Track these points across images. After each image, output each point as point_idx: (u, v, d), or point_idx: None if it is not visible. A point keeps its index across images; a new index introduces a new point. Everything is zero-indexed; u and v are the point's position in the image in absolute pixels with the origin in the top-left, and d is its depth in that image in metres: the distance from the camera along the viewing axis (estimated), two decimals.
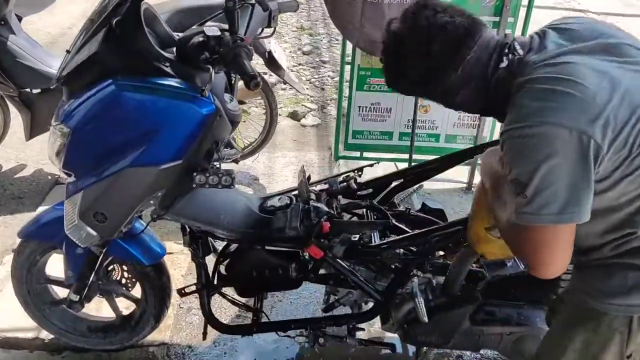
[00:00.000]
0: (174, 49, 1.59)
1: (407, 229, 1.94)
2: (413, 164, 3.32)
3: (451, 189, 3.43)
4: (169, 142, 1.51)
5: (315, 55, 5.71)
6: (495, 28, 3.03)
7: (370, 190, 2.05)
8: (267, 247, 1.85)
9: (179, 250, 2.71)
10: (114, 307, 2.12)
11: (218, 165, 1.62)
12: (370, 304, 1.95)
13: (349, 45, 3.13)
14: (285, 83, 3.36)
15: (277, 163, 3.71)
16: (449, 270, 1.79)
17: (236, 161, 3.29)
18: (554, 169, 1.07)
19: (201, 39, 1.45)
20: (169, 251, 2.30)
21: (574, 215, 1.10)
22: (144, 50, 1.49)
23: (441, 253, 1.86)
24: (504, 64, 1.23)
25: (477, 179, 3.48)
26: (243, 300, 2.04)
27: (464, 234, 1.72)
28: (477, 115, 3.28)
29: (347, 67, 3.27)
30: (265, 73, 3.70)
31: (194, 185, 1.58)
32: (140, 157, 1.51)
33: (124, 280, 2.09)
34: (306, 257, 1.85)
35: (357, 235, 1.78)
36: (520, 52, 1.23)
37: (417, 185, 2.09)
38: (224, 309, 2.40)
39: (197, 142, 1.53)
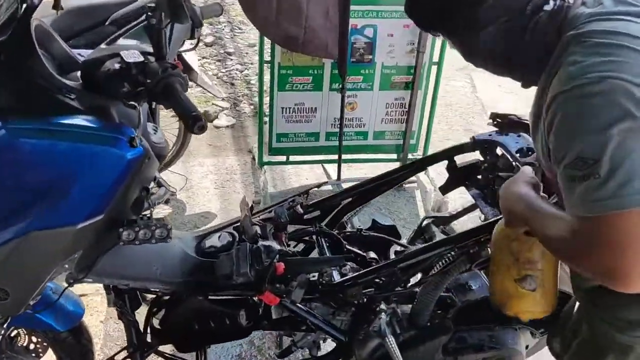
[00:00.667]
0: (78, 73, 1.27)
1: (361, 252, 1.77)
2: (343, 165, 3.16)
3: None
4: (86, 196, 1.19)
5: (219, 47, 5.35)
6: None
7: (318, 212, 1.85)
8: (210, 296, 1.59)
9: (93, 290, 2.35)
10: None
11: (149, 215, 1.33)
12: (329, 341, 1.76)
13: (267, 43, 2.88)
14: (198, 86, 3.03)
15: (194, 173, 3.38)
16: (417, 299, 1.63)
17: (167, 201, 2.95)
18: (628, 134, 0.85)
19: (118, 66, 1.14)
20: (81, 293, 1.98)
21: None
22: (40, 81, 1.16)
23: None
24: (549, 6, 1.03)
25: None
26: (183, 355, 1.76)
27: (431, 260, 1.58)
28: (405, 110, 3.16)
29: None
30: None
31: (121, 243, 1.29)
32: (49, 217, 1.18)
33: (32, 346, 1.73)
34: (256, 300, 1.62)
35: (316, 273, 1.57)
36: (572, 0, 1.04)
37: (364, 204, 1.92)
38: None
39: (121, 191, 1.23)
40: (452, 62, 3.46)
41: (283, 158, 3.26)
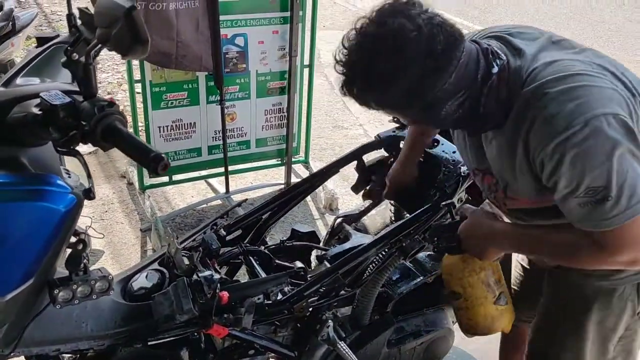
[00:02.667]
0: None
1: (289, 263, 1.77)
2: (231, 175, 3.10)
3: (273, 193, 3.30)
4: (13, 262, 1.03)
5: None
6: (287, 24, 2.94)
7: (240, 231, 1.80)
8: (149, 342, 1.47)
9: None
10: None
11: (82, 268, 1.19)
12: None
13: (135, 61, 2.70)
14: None
15: None
16: (357, 300, 1.67)
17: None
18: (622, 158, 1.04)
19: (38, 110, 0.99)
20: None
21: None
22: None
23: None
24: (495, 69, 1.15)
25: (294, 178, 3.40)
26: None
27: (370, 260, 1.62)
28: (284, 114, 3.18)
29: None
30: None
31: (58, 307, 1.14)
32: None
33: None
34: (196, 335, 1.53)
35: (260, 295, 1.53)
36: (504, 57, 1.15)
37: (282, 216, 1.92)
38: None
39: (53, 249, 1.08)
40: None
41: (165, 179, 3.10)
